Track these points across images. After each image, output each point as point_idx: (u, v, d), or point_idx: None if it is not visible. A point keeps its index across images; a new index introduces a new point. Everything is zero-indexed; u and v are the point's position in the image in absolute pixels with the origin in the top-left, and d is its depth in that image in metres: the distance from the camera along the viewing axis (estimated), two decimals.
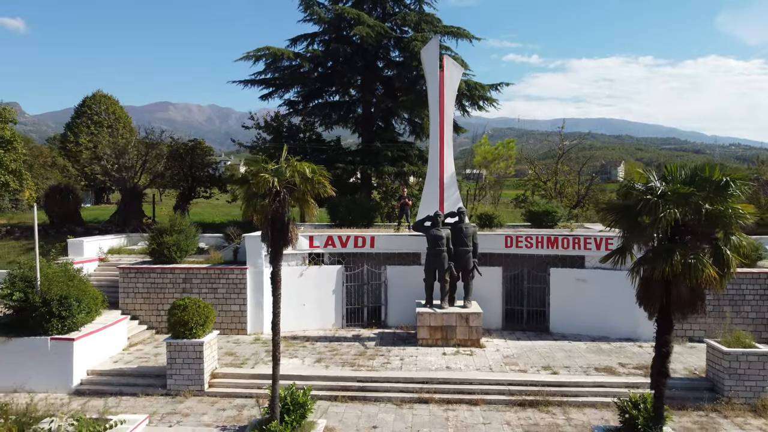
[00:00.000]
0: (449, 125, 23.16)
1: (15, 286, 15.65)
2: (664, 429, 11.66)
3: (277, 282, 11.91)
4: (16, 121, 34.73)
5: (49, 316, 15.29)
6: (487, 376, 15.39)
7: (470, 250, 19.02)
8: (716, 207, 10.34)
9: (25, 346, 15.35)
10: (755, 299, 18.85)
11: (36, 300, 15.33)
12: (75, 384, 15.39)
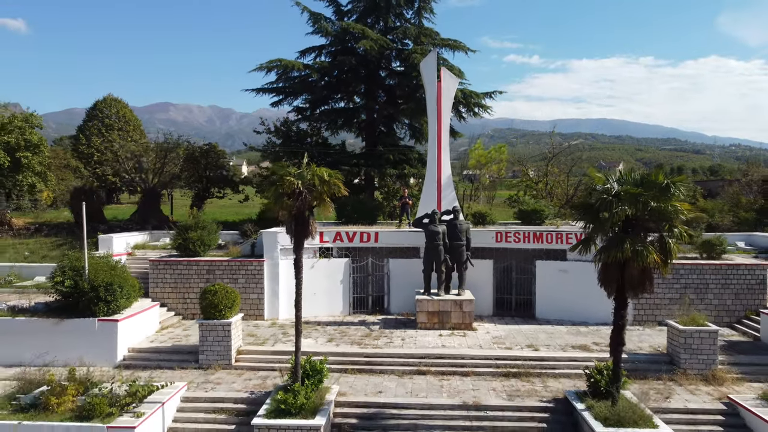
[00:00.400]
0: (446, 131, 25.47)
1: (65, 275, 17.95)
2: (623, 392, 14.01)
3: (300, 267, 14.20)
4: (41, 126, 37.05)
5: (97, 300, 17.61)
6: (477, 353, 17.70)
7: (464, 244, 21.31)
8: (660, 205, 12.66)
9: (75, 326, 17.67)
10: (717, 288, 21.14)
11: (85, 286, 17.63)
12: (119, 359, 17.71)
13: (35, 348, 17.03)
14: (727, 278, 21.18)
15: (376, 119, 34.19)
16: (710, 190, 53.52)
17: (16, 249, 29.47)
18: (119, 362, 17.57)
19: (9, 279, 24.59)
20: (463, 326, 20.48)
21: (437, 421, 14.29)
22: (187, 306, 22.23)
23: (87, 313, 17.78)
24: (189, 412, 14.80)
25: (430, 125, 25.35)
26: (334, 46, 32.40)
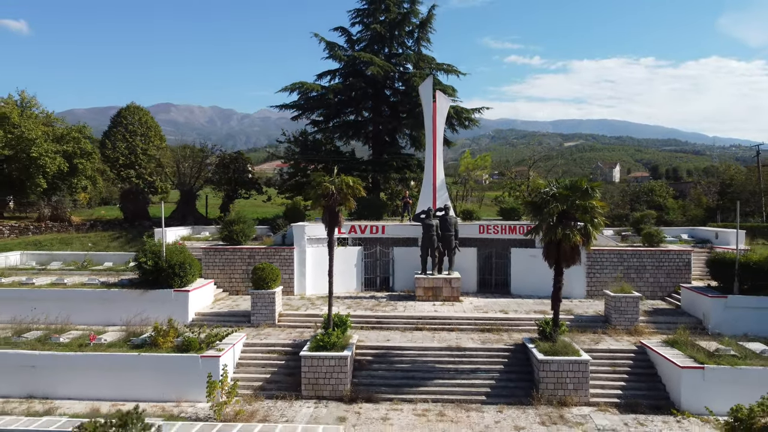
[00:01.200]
0: (440, 143, 31.13)
1: (148, 257, 23.61)
2: (562, 338, 19.62)
3: (332, 248, 19.87)
4: (93, 137, 42.77)
5: (173, 275, 23.27)
6: (461, 315, 23.35)
7: (453, 234, 26.92)
8: (582, 203, 18.32)
9: (156, 295, 23.34)
10: (653, 269, 26.75)
11: (164, 265, 23.29)
12: (190, 320, 23.35)
13: (127, 311, 22.72)
14: (660, 261, 26.80)
15: (382, 131, 39.89)
16: (682, 191, 59.23)
17: (81, 241, 35.20)
18: (190, 322, 23.20)
19: (84, 264, 30.28)
20: (452, 298, 26.11)
21: (429, 358, 19.93)
22: (233, 284, 27.88)
23: (165, 285, 23.45)
24: (250, 353, 20.45)
25: (427, 138, 30.99)
26: (346, 69, 38.15)
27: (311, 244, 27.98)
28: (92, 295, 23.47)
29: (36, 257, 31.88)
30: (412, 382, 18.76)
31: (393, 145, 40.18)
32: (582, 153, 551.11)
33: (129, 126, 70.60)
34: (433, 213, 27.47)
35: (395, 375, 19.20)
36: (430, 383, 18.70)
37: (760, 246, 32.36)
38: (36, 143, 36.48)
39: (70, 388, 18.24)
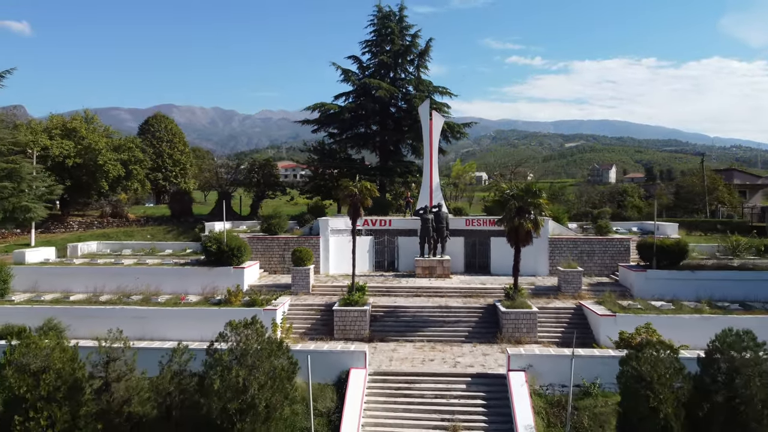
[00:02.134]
0: (436, 153, 38.70)
1: (212, 242, 31.19)
2: (522, 299, 27.17)
3: (354, 235, 27.52)
4: (142, 147, 50.38)
5: (232, 256, 30.86)
6: (449, 286, 30.95)
7: (444, 226, 34.44)
8: (533, 200, 25.94)
9: (220, 271, 30.90)
10: (600, 253, 34.28)
11: (225, 248, 30.87)
12: (245, 289, 30.90)
13: (199, 283, 30.26)
14: (606, 247, 34.36)
15: (387, 142, 47.54)
16: (649, 191, 66.70)
17: (140, 233, 42.89)
18: (246, 290, 30.75)
19: (150, 250, 37.91)
20: (443, 276, 33.64)
21: (425, 313, 27.50)
22: (272, 265, 35.45)
23: (226, 264, 31.04)
24: (294, 310, 28.04)
25: (425, 149, 38.56)
26: (358, 91, 45.83)
27: (333, 234, 35.57)
28: (172, 272, 31.12)
29: (109, 245, 39.53)
30: (412, 329, 26.36)
31: (397, 153, 47.86)
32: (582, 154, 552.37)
33: (156, 133, 78.29)
34: (430, 209, 35.03)
35: (400, 325, 26.80)
36: (425, 330, 26.30)
37: (697, 236, 40.13)
38: (101, 153, 44.13)
39: (169, 332, 25.77)
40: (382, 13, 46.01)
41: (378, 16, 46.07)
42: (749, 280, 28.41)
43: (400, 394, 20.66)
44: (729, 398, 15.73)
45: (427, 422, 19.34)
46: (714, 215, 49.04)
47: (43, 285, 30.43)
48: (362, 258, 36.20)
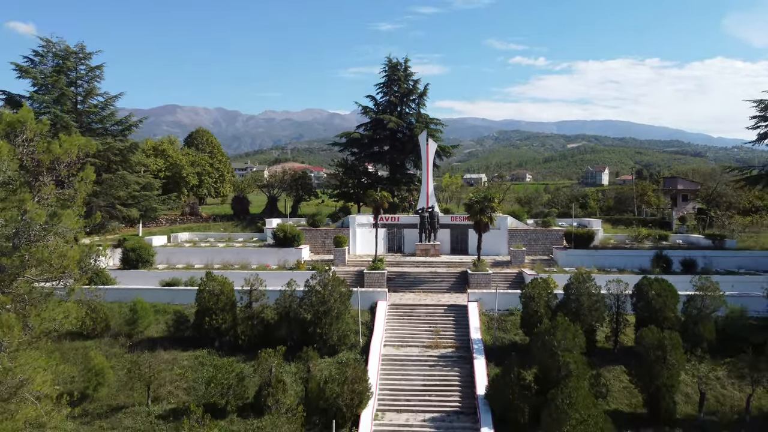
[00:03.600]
0: (431, 168, 54.26)
1: (280, 231, 46.81)
2: (482, 266, 42.76)
3: (377, 228, 43.27)
4: (210, 161, 66.07)
5: (293, 240, 46.54)
6: (439, 260, 46.58)
7: (436, 221, 49.96)
8: (488, 204, 41.66)
9: (285, 251, 46.53)
10: (543, 239, 49.76)
11: (289, 235, 46.52)
12: (303, 262, 46.53)
13: (273, 258, 45.84)
14: (547, 236, 49.88)
15: (395, 159, 63.17)
16: (606, 195, 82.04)
17: (214, 227, 58.55)
18: (304, 263, 46.30)
19: (228, 238, 53.52)
20: (435, 255, 49.15)
21: (421, 276, 43.08)
22: (316, 248, 51.00)
23: (289, 246, 46.65)
24: (338, 274, 43.64)
25: (423, 165, 54.06)
26: (373, 123, 61.57)
27: (358, 227, 51.15)
28: (254, 251, 46.79)
29: (196, 235, 55.17)
30: (413, 285, 41.92)
31: (402, 168, 63.50)
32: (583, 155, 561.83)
33: (199, 145, 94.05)
34: (426, 209, 50.58)
35: (405, 282, 42.37)
36: (421, 285, 41.86)
37: (621, 229, 55.59)
38: (184, 167, 59.91)
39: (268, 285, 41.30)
40: (391, 64, 61.95)
41: (388, 65, 62.02)
42: (629, 255, 43.97)
43: (405, 315, 36.29)
44: (575, 304, 31.32)
45: (421, 329, 34.93)
46: (641, 214, 64.55)
47: (172, 259, 46.12)
48: (379, 243, 51.79)
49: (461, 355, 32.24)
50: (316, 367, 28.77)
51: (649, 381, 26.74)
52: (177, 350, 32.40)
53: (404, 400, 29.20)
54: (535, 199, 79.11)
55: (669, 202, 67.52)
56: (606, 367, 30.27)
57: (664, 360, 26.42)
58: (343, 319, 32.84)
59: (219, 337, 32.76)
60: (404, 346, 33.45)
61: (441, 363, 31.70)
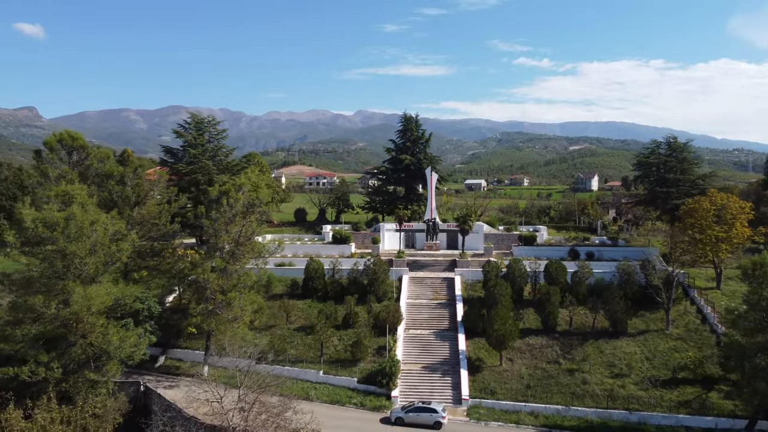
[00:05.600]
0: (433, 191, 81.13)
1: (337, 233, 73.80)
2: (464, 256, 69.74)
3: (400, 232, 70.49)
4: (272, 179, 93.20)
5: (347, 240, 73.57)
6: (438, 253, 73.59)
7: (437, 227, 76.80)
8: (468, 218, 68.77)
9: (341, 247, 73.48)
10: (507, 239, 76.54)
11: (342, 236, 73.48)
12: (347, 254, 73.53)
13: (335, 251, 72.72)
14: (509, 237, 76.72)
15: (409, 183, 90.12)
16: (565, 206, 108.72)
17: (286, 230, 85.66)
18: (354, 254, 73.18)
19: (298, 238, 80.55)
20: (436, 249, 75.87)
21: (427, 262, 69.99)
22: (358, 245, 77.82)
23: (343, 243, 73.57)
24: None
25: (428, 190, 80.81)
26: (394, 159, 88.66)
27: (386, 231, 78.03)
28: (322, 246, 73.67)
29: (276, 236, 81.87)
30: (422, 267, 68.77)
31: (414, 190, 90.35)
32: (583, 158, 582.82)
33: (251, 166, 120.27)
34: (430, 220, 77.41)
35: (417, 265, 69.19)
36: (428, 267, 68.74)
37: (563, 233, 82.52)
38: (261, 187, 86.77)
39: None
40: (406, 117, 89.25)
41: (404, 118, 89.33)
42: (556, 249, 70.68)
43: (418, 282, 63.25)
44: (511, 274, 58.21)
45: (427, 289, 61.87)
46: (580, 222, 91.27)
47: None
48: (401, 241, 78.94)
49: (450, 302, 59.19)
50: (373, 306, 55.84)
51: (543, 311, 53.65)
52: (294, 300, 59.31)
53: (419, 323, 56.25)
54: (511, 210, 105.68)
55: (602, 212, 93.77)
56: (526, 309, 57.02)
57: (549, 301, 53.33)
58: (384, 283, 59.84)
59: (316, 293, 59.64)
60: (418, 298, 60.45)
61: (439, 306, 58.72)
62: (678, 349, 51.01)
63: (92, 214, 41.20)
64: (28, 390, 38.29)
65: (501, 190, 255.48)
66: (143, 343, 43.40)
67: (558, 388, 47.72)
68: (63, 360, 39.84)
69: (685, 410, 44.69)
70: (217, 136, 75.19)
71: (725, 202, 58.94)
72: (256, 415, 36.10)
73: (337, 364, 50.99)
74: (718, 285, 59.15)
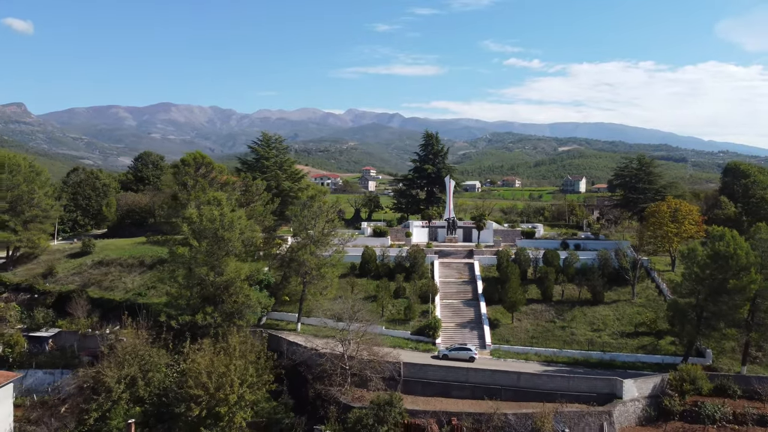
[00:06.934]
0: (451, 195, 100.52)
1: (376, 229, 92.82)
2: (480, 246, 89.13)
3: (428, 228, 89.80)
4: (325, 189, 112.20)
5: (384, 234, 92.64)
6: (457, 244, 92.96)
7: (455, 224, 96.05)
8: (482, 217, 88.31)
9: (381, 240, 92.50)
10: (512, 234, 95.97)
11: (381, 231, 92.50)
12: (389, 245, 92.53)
13: (377, 243, 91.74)
14: (513, 232, 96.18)
15: (430, 187, 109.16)
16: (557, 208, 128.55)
17: None
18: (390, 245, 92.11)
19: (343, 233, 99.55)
20: (455, 242, 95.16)
21: (449, 250, 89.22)
22: (392, 238, 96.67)
23: (381, 236, 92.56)
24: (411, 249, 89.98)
25: (447, 193, 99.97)
26: (417, 168, 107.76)
27: (414, 227, 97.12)
28: (365, 239, 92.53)
29: None
30: (447, 255, 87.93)
31: (434, 193, 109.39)
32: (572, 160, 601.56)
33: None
34: (449, 218, 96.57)
35: (443, 253, 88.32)
36: (450, 255, 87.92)
37: (556, 229, 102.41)
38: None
39: None
40: (428, 134, 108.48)
41: (426, 134, 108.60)
42: (552, 241, 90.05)
43: (446, 266, 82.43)
44: (517, 259, 77.68)
45: (453, 271, 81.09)
46: (569, 221, 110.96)
47: None
48: (425, 235, 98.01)
49: (471, 281, 78.47)
50: (417, 282, 75.03)
51: (543, 286, 73.10)
52: (352, 278, 78.15)
53: (450, 295, 75.54)
54: (512, 211, 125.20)
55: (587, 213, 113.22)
56: (530, 285, 76.31)
57: (547, 278, 72.79)
58: (422, 266, 78.99)
59: (370, 273, 78.53)
60: (447, 277, 79.68)
61: (463, 283, 78.03)
62: (640, 312, 70.41)
63: (235, 212, 60.02)
64: (198, 330, 56.87)
65: (495, 191, 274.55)
66: (270, 303, 62.19)
67: (554, 338, 67.00)
68: (217, 312, 58.38)
69: (642, 351, 64.13)
70: (282, 150, 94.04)
71: (678, 206, 78.58)
72: (356, 345, 55.11)
73: (394, 322, 69.95)
74: (673, 268, 78.79)
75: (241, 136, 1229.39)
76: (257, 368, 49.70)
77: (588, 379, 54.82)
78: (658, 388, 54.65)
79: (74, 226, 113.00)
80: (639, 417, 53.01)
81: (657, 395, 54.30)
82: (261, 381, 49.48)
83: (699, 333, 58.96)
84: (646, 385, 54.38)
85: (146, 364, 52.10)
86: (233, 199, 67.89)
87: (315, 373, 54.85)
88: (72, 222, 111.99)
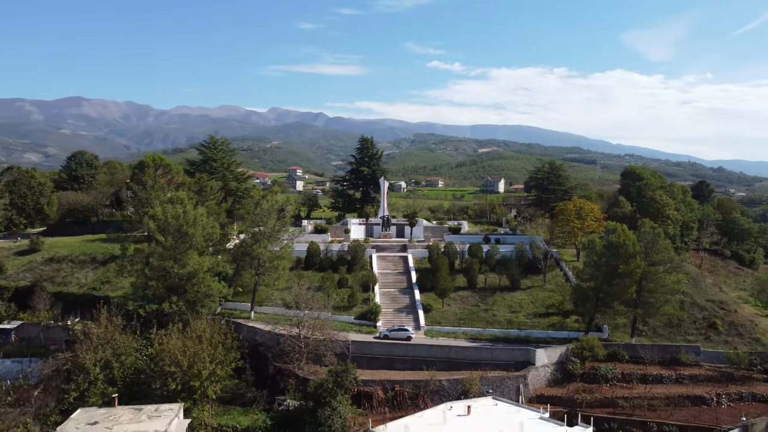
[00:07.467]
0: (385, 194, 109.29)
1: (316, 226, 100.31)
2: (413, 242, 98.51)
3: (366, 226, 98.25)
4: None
5: (323, 231, 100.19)
6: (391, 240, 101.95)
7: (389, 222, 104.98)
8: (414, 215, 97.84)
9: (321, 236, 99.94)
10: (439, 230, 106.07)
11: (321, 228, 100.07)
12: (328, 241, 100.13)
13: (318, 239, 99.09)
14: (441, 229, 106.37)
15: (365, 188, 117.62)
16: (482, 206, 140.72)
17: None
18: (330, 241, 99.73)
19: None
20: (389, 238, 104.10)
21: (384, 245, 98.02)
22: (332, 235, 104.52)
23: (321, 233, 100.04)
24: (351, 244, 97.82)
25: (381, 193, 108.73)
26: (354, 170, 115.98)
27: (352, 225, 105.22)
28: (308, 236, 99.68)
29: None
30: (383, 249, 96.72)
31: (369, 193, 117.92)
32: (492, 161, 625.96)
33: None
34: (384, 216, 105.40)
35: (379, 248, 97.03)
36: (386, 249, 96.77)
37: (478, 226, 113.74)
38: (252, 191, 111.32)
39: None
40: (364, 138, 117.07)
41: (362, 139, 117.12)
42: (475, 236, 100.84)
43: (383, 259, 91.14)
44: (446, 252, 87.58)
45: (389, 263, 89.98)
46: (490, 218, 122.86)
47: None
48: (362, 232, 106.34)
49: (405, 271, 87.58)
50: (358, 273, 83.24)
51: (468, 275, 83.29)
52: (299, 270, 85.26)
53: (388, 284, 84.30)
54: (439, 210, 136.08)
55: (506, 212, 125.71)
56: (457, 274, 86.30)
57: (472, 268, 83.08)
58: (362, 259, 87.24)
59: (315, 266, 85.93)
60: (385, 269, 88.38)
61: (399, 274, 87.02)
62: (550, 296, 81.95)
63: (197, 209, 65.95)
64: (164, 318, 62.41)
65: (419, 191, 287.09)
66: (229, 292, 68.47)
67: (478, 319, 77.15)
68: (182, 301, 64.07)
69: (552, 329, 75.45)
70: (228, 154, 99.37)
71: (582, 205, 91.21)
72: (309, 327, 62.66)
73: (339, 309, 77.73)
74: (578, 258, 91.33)
75: (158, 132, 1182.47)
76: (225, 347, 56.20)
77: (507, 351, 65.26)
78: (563, 356, 65.78)
79: (9, 225, 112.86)
80: (548, 379, 63.84)
81: (563, 362, 65.39)
82: (229, 358, 56.01)
83: (597, 311, 70.89)
84: (554, 354, 65.36)
85: (119, 348, 57.21)
86: (192, 198, 73.27)
87: (274, 352, 61.95)
88: (7, 221, 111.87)
